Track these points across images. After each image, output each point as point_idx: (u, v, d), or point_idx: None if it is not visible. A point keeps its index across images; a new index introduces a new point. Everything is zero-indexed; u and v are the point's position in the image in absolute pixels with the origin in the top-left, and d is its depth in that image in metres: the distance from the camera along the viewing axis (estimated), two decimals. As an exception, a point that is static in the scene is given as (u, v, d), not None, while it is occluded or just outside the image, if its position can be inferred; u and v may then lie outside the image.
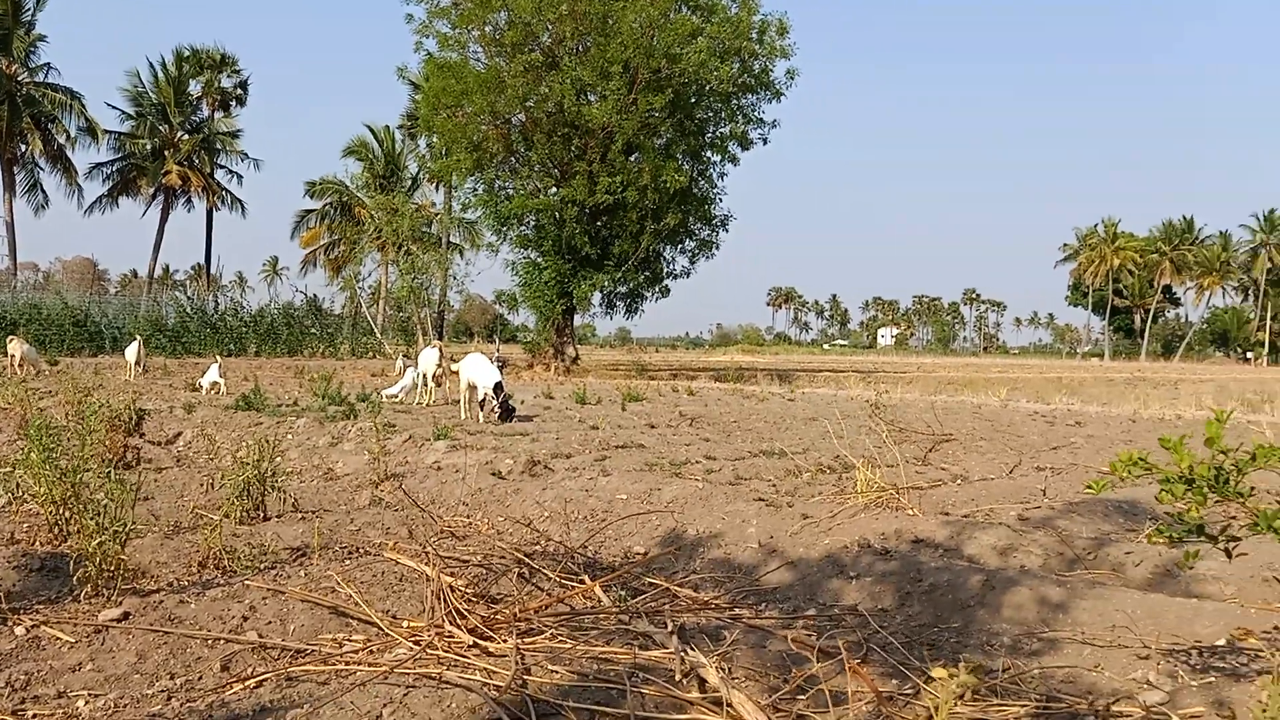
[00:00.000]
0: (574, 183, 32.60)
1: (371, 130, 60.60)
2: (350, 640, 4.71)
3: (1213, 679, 3.69)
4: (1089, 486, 3.26)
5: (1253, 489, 3.08)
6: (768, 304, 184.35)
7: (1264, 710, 2.36)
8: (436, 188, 53.86)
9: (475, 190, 36.66)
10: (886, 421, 14.88)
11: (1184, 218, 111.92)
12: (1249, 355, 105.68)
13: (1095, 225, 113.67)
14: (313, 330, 49.68)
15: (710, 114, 35.52)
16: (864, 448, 10.74)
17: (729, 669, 4.23)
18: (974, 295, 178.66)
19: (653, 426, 14.45)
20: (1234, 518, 3.17)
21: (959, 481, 9.65)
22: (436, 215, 53.79)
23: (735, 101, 35.06)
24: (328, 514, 7.90)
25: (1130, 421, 17.24)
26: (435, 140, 36.47)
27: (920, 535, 6.53)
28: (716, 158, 36.42)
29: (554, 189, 34.68)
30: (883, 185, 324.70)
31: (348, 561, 6.18)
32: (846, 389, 27.06)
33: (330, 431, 12.14)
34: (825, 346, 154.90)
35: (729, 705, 3.63)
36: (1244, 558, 5.51)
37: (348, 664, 4.36)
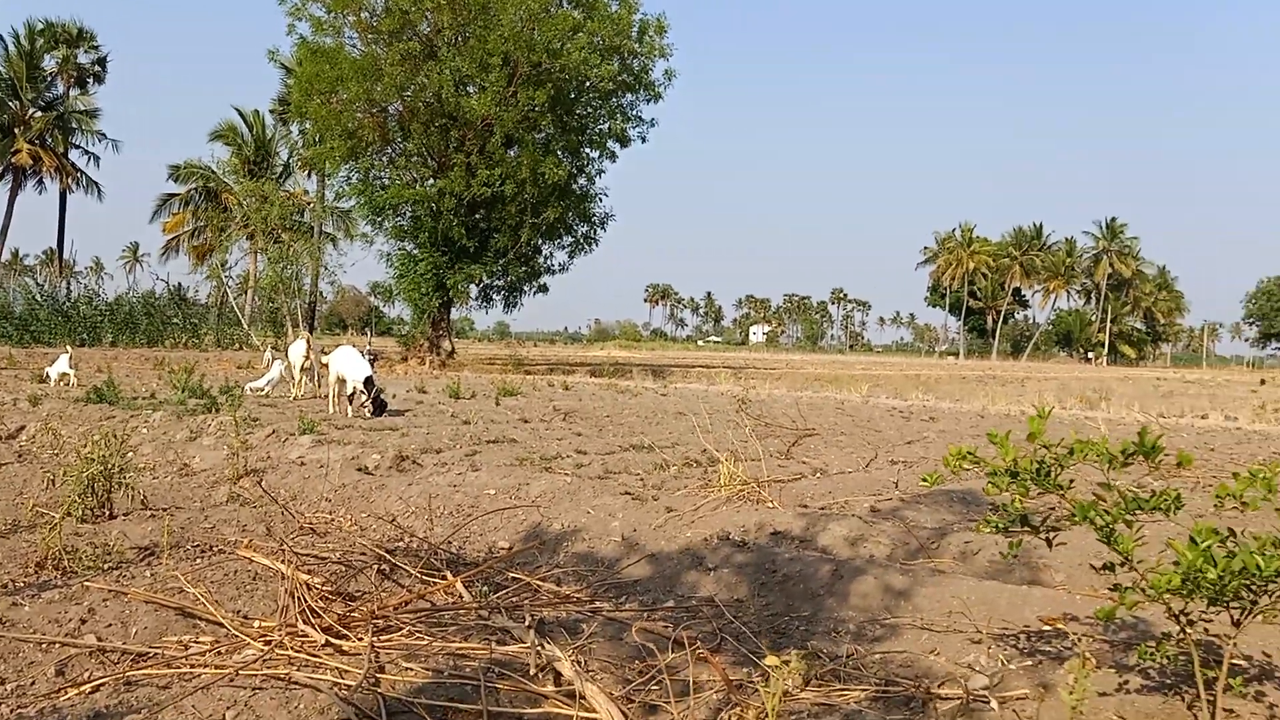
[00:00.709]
0: (452, 174, 32.11)
1: (241, 114, 58.23)
2: (197, 642, 4.53)
3: (1038, 661, 3.89)
4: (924, 479, 3.38)
5: (1072, 481, 3.25)
6: (645, 300, 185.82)
7: (1070, 692, 2.49)
8: (309, 175, 52.23)
9: (350, 179, 35.75)
10: (753, 417, 15.27)
11: (1034, 224, 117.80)
12: (1090, 355, 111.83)
13: (953, 230, 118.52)
14: (175, 320, 47.55)
15: (590, 111, 35.49)
16: (730, 442, 10.94)
17: (585, 661, 4.24)
18: (842, 295, 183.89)
19: (526, 421, 14.37)
20: (1052, 509, 3.34)
21: (818, 475, 9.88)
22: (309, 204, 52.21)
23: (615, 100, 35.15)
24: (180, 511, 7.58)
25: (980, 417, 18.01)
26: (308, 127, 35.35)
27: (778, 527, 6.68)
28: (596, 154, 36.44)
29: (431, 180, 34.09)
30: (757, 185, 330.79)
31: (199, 561, 5.94)
32: (718, 385, 27.48)
33: (189, 426, 11.64)
34: (700, 343, 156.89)
35: (582, 698, 3.64)
36: (1074, 546, 5.83)
37: (193, 667, 4.19)
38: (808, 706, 3.68)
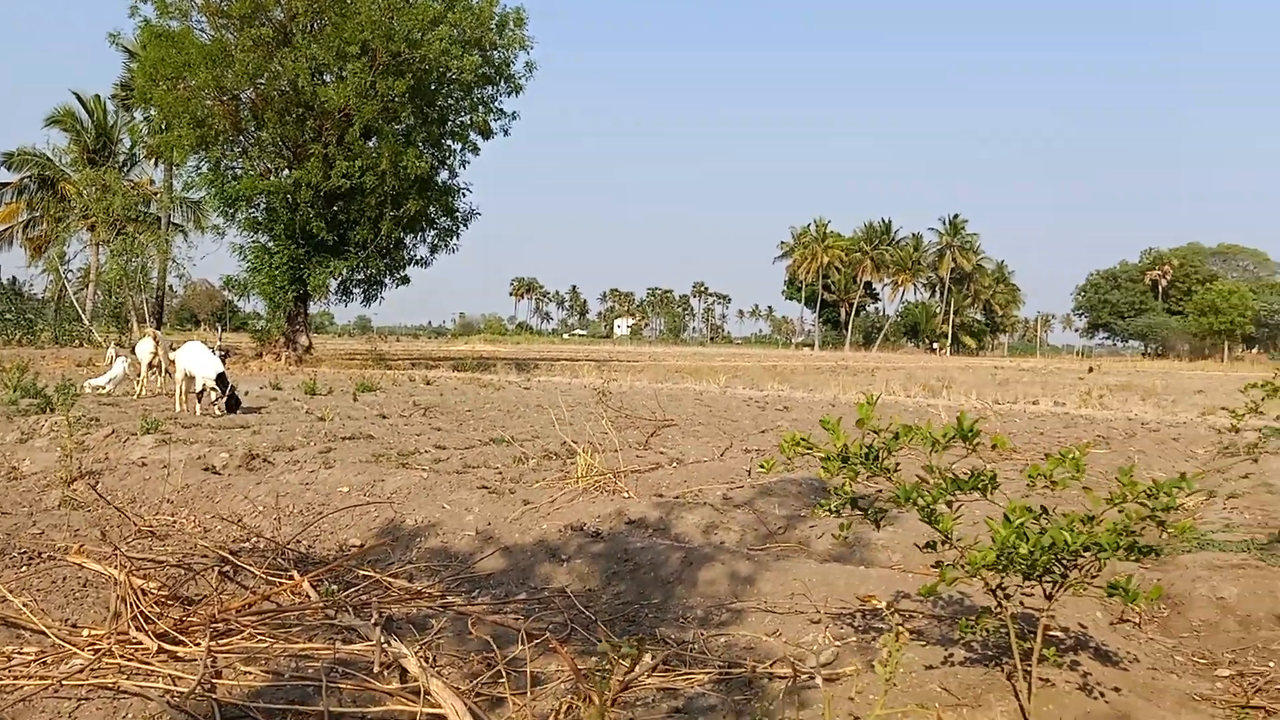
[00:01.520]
0: (308, 165, 31.05)
1: (80, 99, 54.70)
2: (20, 653, 4.23)
3: (872, 638, 4.02)
4: (761, 465, 3.45)
5: (898, 465, 3.37)
6: (511, 294, 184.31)
7: (884, 665, 2.58)
8: (155, 164, 49.56)
9: (199, 169, 34.12)
10: (614, 409, 15.34)
11: (883, 220, 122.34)
12: (935, 345, 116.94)
13: (809, 225, 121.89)
14: (8, 316, 44.52)
15: (451, 103, 34.88)
16: (590, 434, 10.95)
17: (434, 657, 4.16)
18: (703, 288, 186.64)
19: (384, 417, 14.04)
20: (879, 491, 3.46)
21: (675, 464, 9.99)
22: (155, 194, 49.57)
23: (477, 92, 34.67)
24: (6, 517, 7.08)
25: (831, 405, 18.57)
26: (154, 114, 33.51)
27: (633, 517, 6.72)
28: (458, 146, 35.86)
29: (287, 171, 32.88)
30: (622, 180, 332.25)
31: (24, 569, 5.56)
32: (581, 377, 27.50)
33: (20, 427, 10.90)
34: (565, 336, 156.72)
35: (427, 693, 3.57)
36: (910, 528, 6.07)
37: (16, 679, 3.91)
38: (652, 692, 3.71)
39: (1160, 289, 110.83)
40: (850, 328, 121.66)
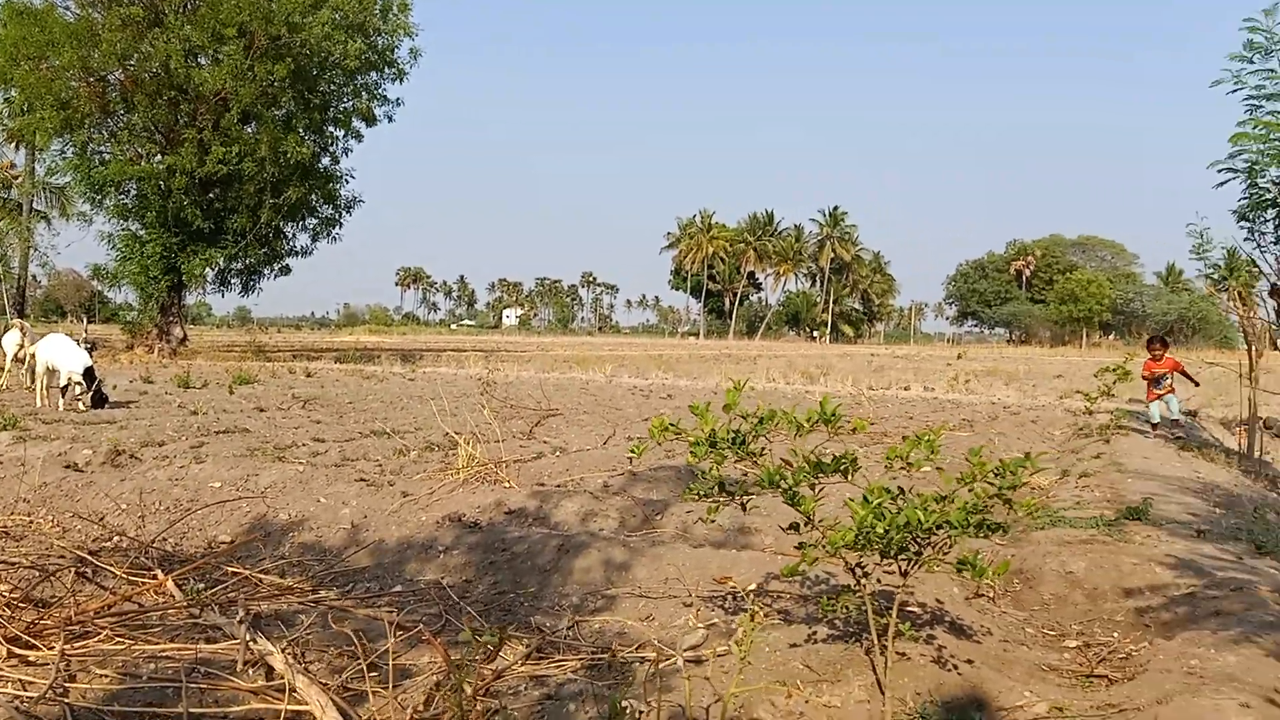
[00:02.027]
0: (182, 150, 29.73)
1: (-69, 78, 51.17)
2: None
3: (738, 620, 4.07)
4: (631, 451, 3.45)
5: (764, 449, 3.41)
6: (397, 284, 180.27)
7: (739, 645, 2.61)
8: (16, 148, 46.69)
9: (64, 153, 32.31)
10: (499, 399, 15.20)
11: (766, 211, 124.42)
12: (815, 334, 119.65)
13: (694, 216, 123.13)
14: None
15: (334, 88, 33.88)
16: (474, 425, 10.81)
17: (302, 654, 4.04)
18: (591, 278, 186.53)
19: (262, 410, 13.59)
20: (746, 474, 3.50)
21: (558, 453, 9.96)
22: (16, 179, 46.75)
23: (360, 78, 33.78)
24: None
25: (713, 393, 18.79)
26: (14, 95, 31.52)
27: (513, 506, 6.66)
28: (340, 133, 34.89)
29: (159, 156, 31.38)
30: (509, 169, 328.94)
31: None
32: (467, 368, 27.16)
33: None
34: (453, 327, 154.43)
35: (293, 690, 3.46)
36: (783, 511, 6.17)
37: None
38: (522, 680, 3.68)
39: (1024, 278, 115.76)
40: (734, 317, 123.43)
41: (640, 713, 2.95)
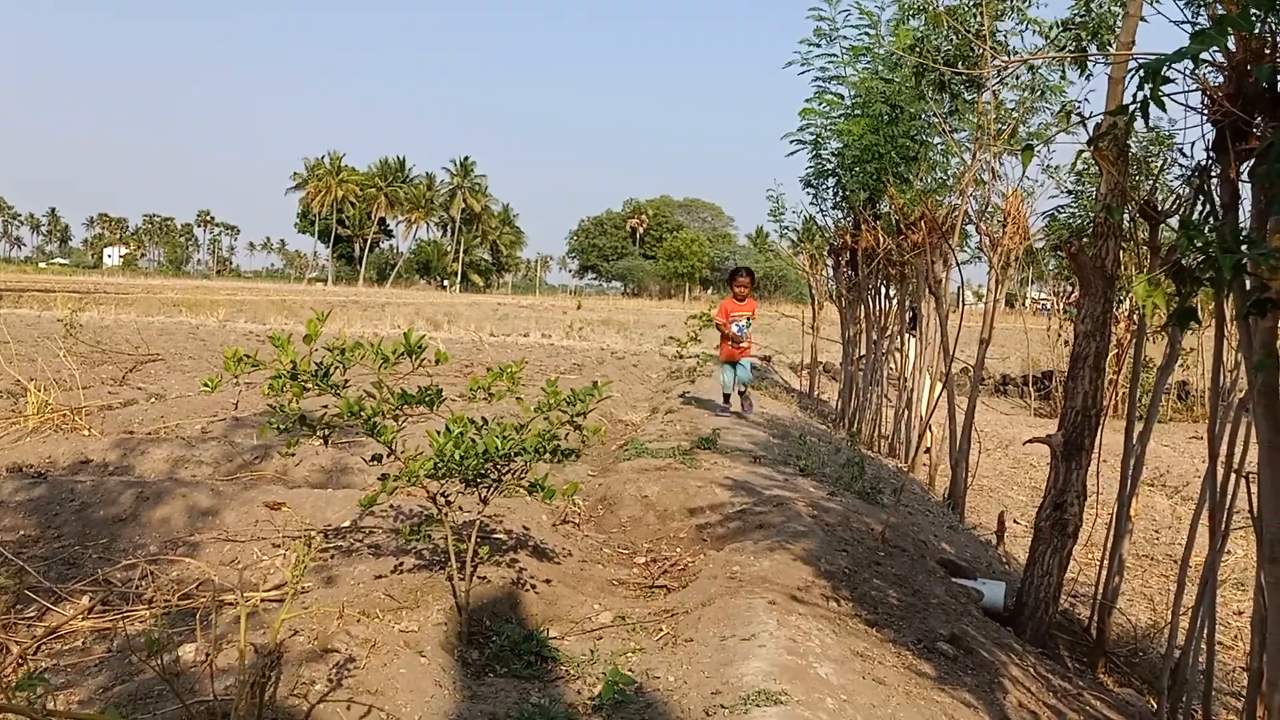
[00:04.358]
0: None
1: None
2: None
3: (330, 556, 3.96)
4: (205, 385, 3.19)
5: (348, 382, 3.30)
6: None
7: (292, 572, 2.54)
8: None
9: None
10: (87, 343, 13.51)
11: (398, 158, 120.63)
12: (445, 283, 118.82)
13: (323, 157, 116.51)
14: None
15: None
16: (55, 371, 9.55)
17: None
18: (208, 218, 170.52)
19: None
20: (326, 407, 3.38)
21: (155, 400, 9.11)
22: None
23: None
24: None
25: (335, 339, 18.09)
26: None
27: (91, 456, 5.99)
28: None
29: None
30: (115, 91, 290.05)
31: None
32: (55, 310, 23.83)
33: None
34: (42, 265, 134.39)
35: None
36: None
37: None
38: (85, 635, 3.32)
39: (638, 235, 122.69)
40: (365, 264, 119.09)
41: (206, 654, 2.77)
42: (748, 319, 8.85)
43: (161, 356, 13.37)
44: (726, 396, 9.05)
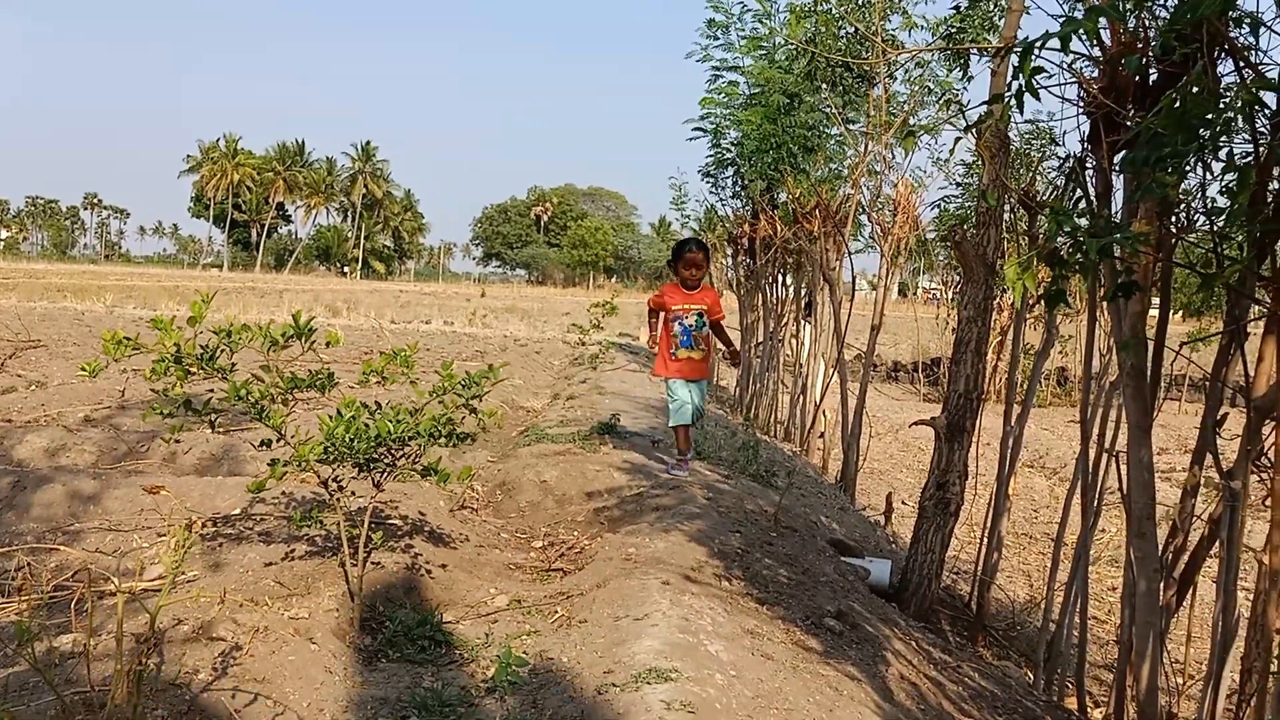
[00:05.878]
0: None
1: None
2: None
3: (219, 544, 3.84)
4: (83, 368, 3.05)
5: (235, 366, 3.19)
6: None
7: (172, 558, 2.46)
8: None
9: None
10: (-42, 328, 12.77)
11: (297, 141, 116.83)
12: (346, 270, 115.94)
13: (218, 140, 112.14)
14: None
15: None
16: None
17: None
18: (96, 200, 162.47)
19: None
20: (212, 391, 3.27)
21: (35, 387, 8.68)
22: None
23: None
24: None
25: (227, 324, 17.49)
26: None
27: (-37, 445, 5.66)
28: None
29: None
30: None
31: None
32: (-77, 294, 22.44)
33: None
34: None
35: None
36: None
37: None
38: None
39: (543, 223, 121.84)
40: (262, 249, 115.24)
41: (83, 645, 2.65)
42: (699, 317, 5.76)
43: (44, 343, 12.74)
44: (679, 432, 5.84)
